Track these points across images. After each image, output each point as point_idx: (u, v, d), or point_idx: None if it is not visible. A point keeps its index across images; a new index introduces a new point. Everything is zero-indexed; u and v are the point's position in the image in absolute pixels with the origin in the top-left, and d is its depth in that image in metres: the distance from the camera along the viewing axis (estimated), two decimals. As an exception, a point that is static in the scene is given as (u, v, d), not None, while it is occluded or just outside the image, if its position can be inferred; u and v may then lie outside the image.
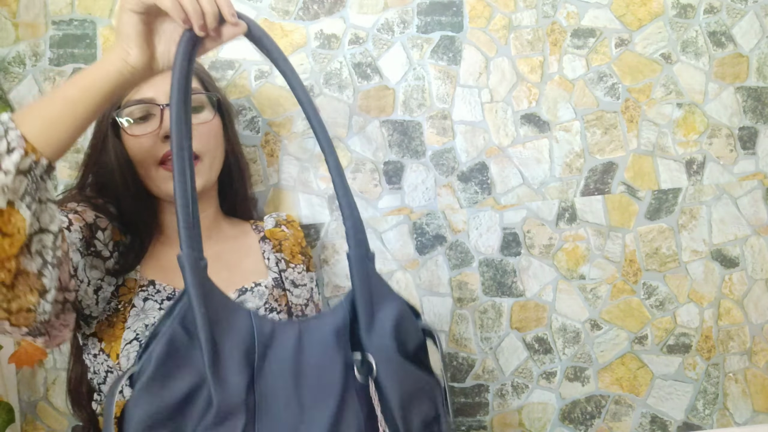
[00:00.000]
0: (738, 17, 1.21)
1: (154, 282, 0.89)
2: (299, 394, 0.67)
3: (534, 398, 1.19)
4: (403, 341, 0.73)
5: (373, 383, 0.70)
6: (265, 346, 0.68)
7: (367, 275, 0.74)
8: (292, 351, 0.68)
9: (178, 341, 0.64)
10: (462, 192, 1.18)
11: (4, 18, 1.10)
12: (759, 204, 1.22)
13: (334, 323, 0.72)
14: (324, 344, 0.70)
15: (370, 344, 0.71)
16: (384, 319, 0.72)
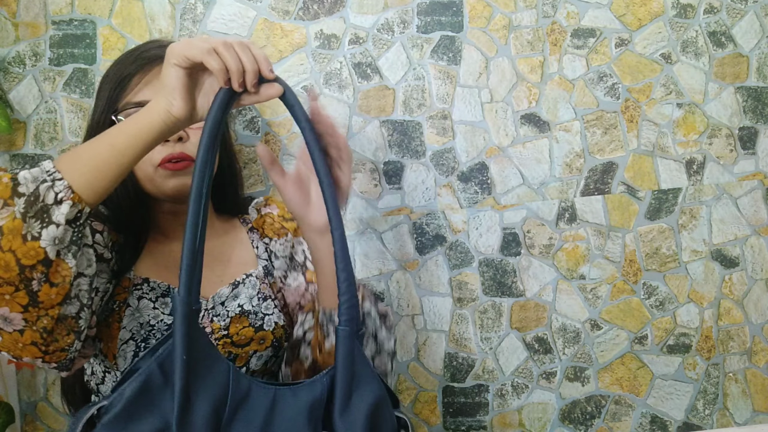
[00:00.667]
0: (738, 17, 1.21)
1: (148, 280, 0.89)
2: None
3: (534, 398, 1.19)
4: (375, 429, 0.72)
5: None
6: (237, 404, 0.67)
7: (352, 355, 0.73)
8: (262, 417, 0.68)
9: (153, 383, 0.64)
10: (462, 192, 1.18)
11: (4, 18, 1.10)
12: (759, 204, 1.22)
13: (310, 398, 0.71)
14: (295, 417, 0.69)
15: (341, 427, 0.70)
16: (360, 404, 0.71)
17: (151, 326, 0.86)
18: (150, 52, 0.92)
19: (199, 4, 1.13)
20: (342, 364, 0.72)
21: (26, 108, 1.10)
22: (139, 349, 0.84)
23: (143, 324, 0.86)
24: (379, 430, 0.73)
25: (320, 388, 0.72)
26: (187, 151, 0.88)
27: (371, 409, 0.71)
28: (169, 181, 0.88)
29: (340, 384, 0.71)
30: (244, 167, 1.15)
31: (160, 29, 1.12)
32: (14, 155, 1.10)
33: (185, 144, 0.88)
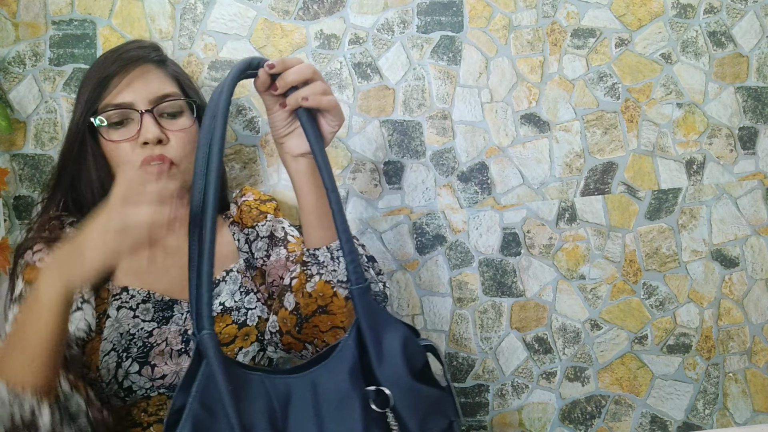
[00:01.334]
0: (738, 17, 1.21)
1: (127, 288, 0.88)
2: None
3: (534, 398, 1.19)
4: (411, 365, 0.75)
5: (392, 413, 0.72)
6: (285, 406, 0.70)
7: (370, 309, 0.76)
8: (310, 404, 0.70)
9: (202, 422, 0.65)
10: (462, 192, 1.18)
11: (4, 18, 1.10)
12: (759, 204, 1.22)
13: (345, 365, 0.73)
14: (339, 388, 0.72)
15: (383, 376, 0.73)
16: (392, 348, 0.74)
17: (131, 335, 0.85)
18: (130, 52, 0.91)
19: (199, 4, 1.13)
20: (364, 320, 0.75)
21: (26, 108, 1.10)
22: (120, 359, 0.83)
23: (123, 334, 0.85)
24: (414, 362, 0.76)
25: (350, 352, 0.74)
26: (168, 153, 0.88)
27: (403, 348, 0.75)
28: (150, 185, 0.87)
29: (369, 336, 0.74)
30: (244, 167, 1.15)
31: (160, 29, 1.12)
32: (14, 155, 1.11)
33: (165, 146, 0.88)
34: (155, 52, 0.94)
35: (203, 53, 1.13)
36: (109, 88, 0.88)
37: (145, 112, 0.87)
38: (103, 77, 0.88)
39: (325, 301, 0.83)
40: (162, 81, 0.91)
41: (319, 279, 0.83)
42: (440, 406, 0.79)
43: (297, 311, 0.85)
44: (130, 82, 0.88)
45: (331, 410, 0.71)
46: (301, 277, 0.84)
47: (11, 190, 1.10)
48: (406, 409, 0.73)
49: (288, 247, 0.97)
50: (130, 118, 0.88)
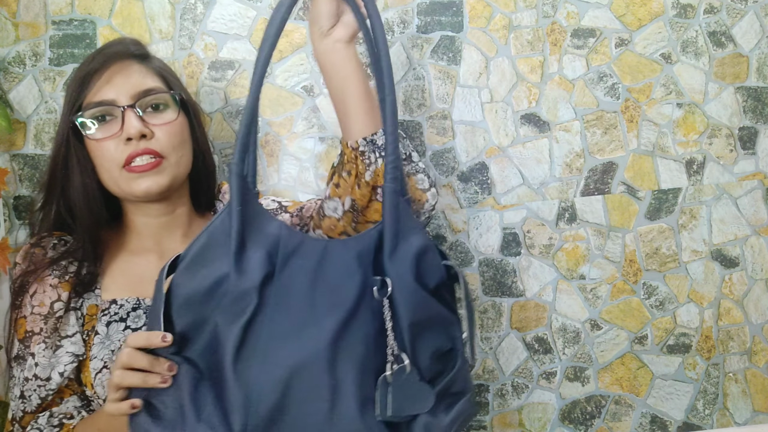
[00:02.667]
0: (738, 17, 1.21)
1: (115, 300, 0.88)
2: (313, 297, 0.73)
3: (534, 398, 1.19)
4: (422, 272, 0.77)
5: (388, 302, 0.75)
6: (290, 252, 0.74)
7: (397, 208, 0.78)
8: (314, 261, 0.75)
9: (216, 237, 0.73)
10: (462, 192, 1.18)
11: (4, 18, 1.10)
12: (759, 204, 1.22)
13: (359, 247, 0.77)
14: (346, 262, 0.76)
15: (391, 269, 0.76)
16: (407, 249, 0.77)
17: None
18: (110, 48, 0.90)
19: (199, 4, 1.13)
20: (389, 218, 0.77)
21: (26, 108, 1.10)
22: None
23: (114, 350, 0.85)
24: (427, 275, 0.78)
25: (368, 240, 0.77)
26: (154, 147, 0.86)
27: (418, 254, 0.77)
28: (138, 182, 0.86)
29: (388, 234, 0.77)
30: (244, 167, 1.15)
31: (160, 29, 1.12)
32: (14, 155, 1.11)
33: (150, 140, 0.86)
34: (135, 46, 0.93)
35: (203, 53, 1.13)
36: (89, 86, 0.87)
37: (126, 108, 0.86)
38: (84, 75, 0.87)
39: None
40: (143, 75, 0.90)
41: (381, 162, 0.83)
42: (445, 325, 0.80)
43: (353, 207, 0.85)
44: (110, 78, 0.87)
45: (331, 276, 0.75)
46: (359, 166, 0.84)
47: (11, 190, 1.10)
48: (403, 306, 0.75)
49: (288, 210, 0.98)
50: (113, 115, 0.87)
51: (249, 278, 0.72)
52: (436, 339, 0.78)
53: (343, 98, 0.85)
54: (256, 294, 0.71)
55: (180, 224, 0.95)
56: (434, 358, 0.78)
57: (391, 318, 0.74)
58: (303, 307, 0.73)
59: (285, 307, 0.72)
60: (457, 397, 0.80)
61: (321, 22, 0.82)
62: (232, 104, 1.14)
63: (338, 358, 0.71)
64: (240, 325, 0.70)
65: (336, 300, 0.74)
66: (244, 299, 0.71)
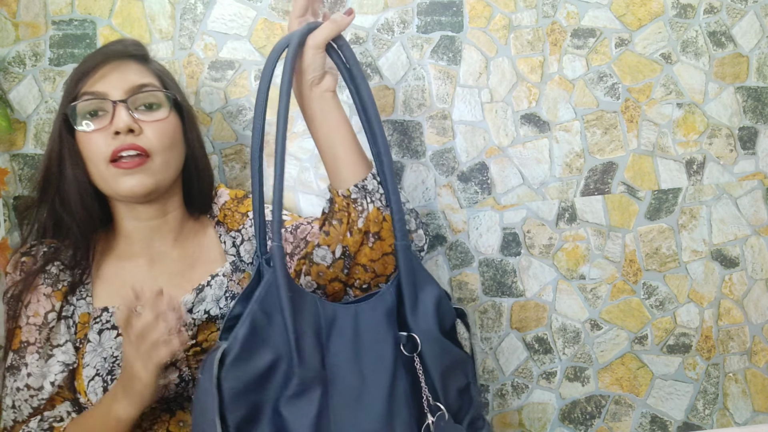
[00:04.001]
0: (738, 17, 1.21)
1: (107, 308, 0.88)
2: (359, 367, 0.77)
3: (534, 398, 1.19)
4: (442, 321, 0.83)
5: (418, 358, 0.80)
6: (330, 326, 0.78)
7: (412, 263, 0.83)
8: (351, 331, 0.78)
9: (259, 323, 0.73)
10: (462, 192, 1.18)
11: (4, 18, 1.10)
12: (759, 204, 1.22)
13: (384, 306, 0.81)
14: (377, 325, 0.79)
15: (415, 324, 0.80)
16: (426, 302, 0.82)
17: (114, 357, 0.84)
18: (109, 47, 0.91)
19: (199, 4, 1.13)
20: (405, 273, 0.82)
21: (26, 108, 1.10)
22: (106, 383, 0.83)
23: (107, 358, 0.84)
24: (445, 321, 0.84)
25: (390, 298, 0.82)
26: (140, 143, 0.86)
27: (436, 306, 0.82)
28: (123, 180, 0.85)
29: (407, 290, 0.81)
30: (245, 167, 1.15)
31: (160, 29, 1.12)
32: (14, 155, 1.11)
33: (138, 136, 0.86)
34: (135, 47, 0.93)
35: (203, 53, 1.13)
36: (86, 78, 0.87)
37: (117, 102, 0.86)
38: (82, 71, 0.88)
39: (377, 226, 0.85)
40: (139, 73, 0.90)
41: (372, 207, 0.85)
42: (461, 365, 0.86)
43: (344, 254, 0.86)
44: (106, 74, 0.87)
45: (368, 341, 0.79)
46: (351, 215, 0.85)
47: (11, 190, 1.10)
48: (431, 358, 0.80)
49: (284, 225, 0.97)
50: (104, 109, 0.87)
51: (311, 365, 0.74)
52: (458, 379, 0.85)
53: (333, 146, 0.87)
54: (320, 381, 0.74)
55: (171, 228, 0.94)
56: (456, 396, 0.83)
57: (423, 372, 0.79)
58: (354, 381, 0.76)
59: (339, 385, 0.75)
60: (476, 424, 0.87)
61: (311, 74, 0.85)
62: (232, 104, 1.14)
63: (394, 421, 0.76)
64: (312, 416, 0.72)
65: (378, 366, 0.78)
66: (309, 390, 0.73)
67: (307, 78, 0.85)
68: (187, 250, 0.94)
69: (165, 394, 0.84)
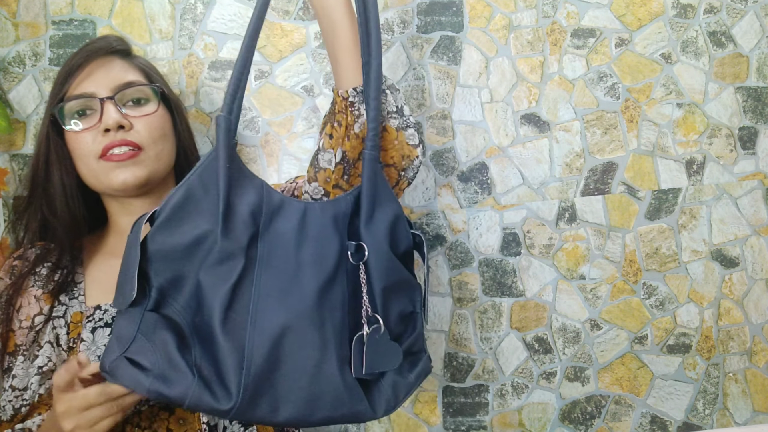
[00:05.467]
0: (738, 17, 1.21)
1: (99, 306, 0.88)
2: (297, 258, 0.75)
3: (534, 398, 1.19)
4: (395, 240, 0.82)
5: (363, 267, 0.79)
6: (273, 212, 0.76)
7: (375, 176, 0.81)
8: (296, 222, 0.77)
9: (194, 192, 0.73)
10: (462, 192, 1.18)
11: (4, 18, 1.10)
12: (759, 204, 1.22)
13: (336, 210, 0.80)
14: (324, 225, 0.78)
15: (367, 236, 0.80)
16: (382, 218, 0.81)
17: None
18: (94, 44, 0.91)
19: (199, 4, 1.13)
20: (367, 184, 0.80)
21: (26, 108, 1.10)
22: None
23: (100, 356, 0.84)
24: (398, 242, 0.83)
25: (344, 204, 0.80)
26: (132, 138, 0.86)
27: (392, 223, 0.81)
28: (115, 173, 0.86)
29: (366, 201, 0.80)
30: (244, 167, 1.15)
31: (160, 29, 1.12)
32: (14, 155, 1.11)
33: (129, 132, 0.86)
34: (117, 42, 0.93)
35: (203, 53, 1.13)
36: (71, 78, 0.87)
37: (105, 100, 0.85)
38: (67, 70, 0.87)
39: None
40: (124, 70, 0.90)
41: None
42: (409, 290, 0.85)
43: (344, 160, 0.84)
44: (91, 72, 0.87)
45: (311, 238, 0.77)
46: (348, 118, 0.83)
47: (11, 190, 1.10)
48: (377, 270, 0.79)
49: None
50: (92, 108, 0.87)
51: (236, 239, 0.73)
52: (402, 302, 0.83)
53: (333, 44, 0.84)
54: (243, 255, 0.73)
55: None
56: (399, 320, 0.82)
57: (365, 282, 0.78)
58: (288, 268, 0.75)
59: (271, 267, 0.74)
60: (417, 356, 0.85)
61: None
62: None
63: (324, 317, 0.74)
64: (228, 287, 0.71)
65: (317, 262, 0.76)
66: (230, 260, 0.72)
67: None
68: None
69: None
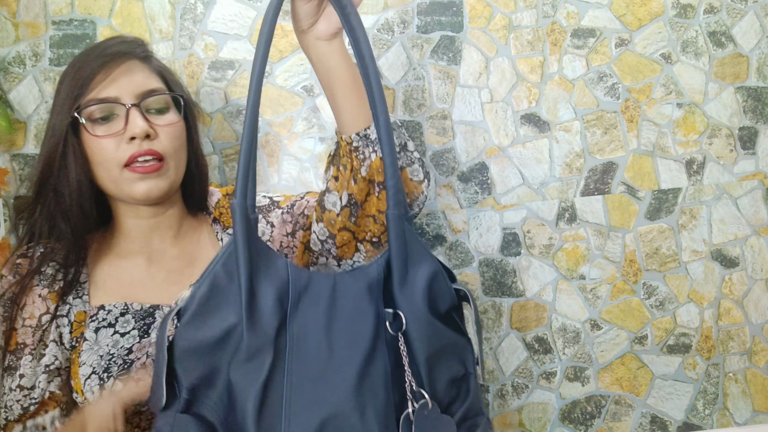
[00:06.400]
0: (738, 17, 1.21)
1: (103, 306, 0.87)
2: (330, 340, 0.71)
3: (534, 398, 1.19)
4: (434, 301, 0.76)
5: (402, 337, 0.73)
6: (300, 293, 0.72)
7: (404, 234, 0.76)
8: (326, 300, 0.72)
9: (219, 282, 0.70)
10: (462, 192, 1.18)
11: (4, 18, 1.10)
12: (759, 204, 1.22)
13: (368, 278, 0.75)
14: (357, 296, 0.73)
15: (402, 301, 0.74)
16: (417, 278, 0.75)
17: (111, 355, 0.84)
18: (112, 48, 0.89)
19: (199, 4, 1.13)
20: (395, 245, 0.75)
21: (26, 108, 1.10)
22: (103, 381, 0.83)
23: (103, 356, 0.84)
24: (439, 302, 0.76)
25: (376, 270, 0.76)
26: (156, 148, 0.85)
27: (428, 283, 0.75)
28: (138, 184, 0.85)
29: (396, 263, 0.75)
30: (244, 167, 1.15)
31: (160, 29, 1.12)
32: (14, 155, 1.11)
33: (153, 141, 0.85)
34: (140, 47, 0.92)
35: (203, 53, 1.13)
36: (91, 84, 0.85)
37: (131, 107, 0.85)
38: (86, 75, 0.86)
39: (382, 176, 0.82)
40: (147, 76, 0.89)
41: (375, 156, 0.82)
42: (458, 352, 0.78)
43: (350, 202, 0.84)
44: (115, 77, 0.86)
45: (344, 314, 0.72)
46: (353, 162, 0.82)
47: (11, 190, 1.10)
48: (418, 339, 0.73)
49: (280, 206, 0.97)
50: (115, 113, 0.86)
51: (263, 333, 0.69)
52: (451, 367, 0.77)
53: (333, 91, 0.84)
54: (272, 348, 0.69)
55: (170, 225, 0.93)
56: (450, 386, 0.76)
57: (406, 353, 0.73)
58: (321, 354, 0.70)
59: (303, 355, 0.70)
60: (474, 421, 0.78)
61: (302, 21, 0.82)
62: (232, 104, 1.14)
63: (365, 402, 0.69)
64: (259, 385, 0.68)
65: (353, 341, 0.71)
66: (259, 355, 0.69)
67: (299, 25, 0.82)
68: (186, 247, 0.94)
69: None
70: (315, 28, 0.82)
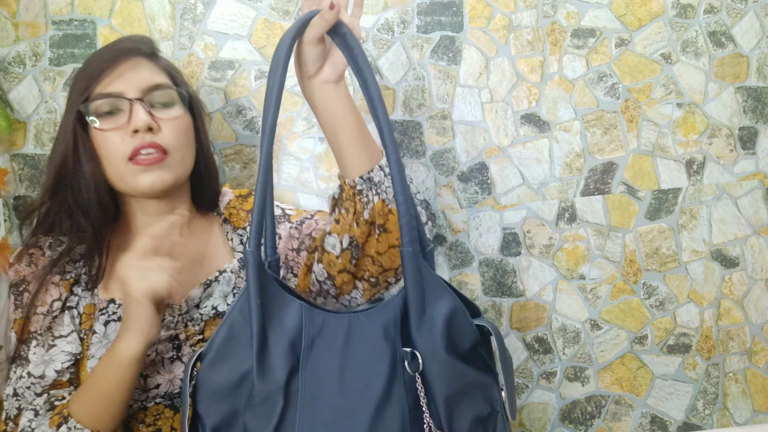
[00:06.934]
0: (738, 17, 1.21)
1: (114, 300, 0.88)
2: (343, 383, 0.71)
3: (534, 398, 1.19)
4: (453, 340, 0.74)
5: (420, 377, 0.72)
6: (313, 338, 0.73)
7: (419, 272, 0.74)
8: (340, 343, 0.73)
9: (237, 327, 0.72)
10: (462, 192, 1.18)
11: (4, 18, 1.10)
12: (759, 204, 1.22)
13: (385, 318, 0.74)
14: (372, 338, 0.73)
15: (420, 340, 0.73)
16: (435, 317, 0.73)
17: None
18: (121, 44, 0.91)
19: (199, 4, 1.13)
20: (411, 283, 0.74)
21: (26, 108, 1.10)
22: None
23: None
24: (459, 341, 0.75)
25: (393, 309, 0.75)
26: (159, 141, 0.86)
27: (447, 320, 0.73)
28: (142, 176, 0.86)
29: (413, 301, 0.73)
30: (245, 167, 1.15)
31: (160, 29, 1.12)
32: (14, 155, 1.11)
33: (156, 134, 0.86)
34: (147, 45, 0.93)
35: (203, 53, 1.13)
36: (99, 79, 0.87)
37: (135, 101, 0.86)
38: (94, 71, 0.87)
39: (383, 219, 0.83)
40: (153, 72, 0.90)
41: (378, 199, 0.82)
42: (483, 390, 0.77)
43: (351, 245, 0.84)
44: (121, 73, 0.87)
45: (359, 356, 0.72)
46: (356, 205, 0.83)
47: (11, 190, 1.10)
48: (436, 380, 0.72)
49: (291, 219, 0.98)
50: (120, 108, 0.87)
51: (273, 380, 0.70)
52: (475, 406, 0.75)
53: (336, 137, 0.84)
54: (282, 394, 0.70)
55: (179, 224, 0.94)
56: (475, 425, 0.75)
57: (425, 394, 0.72)
58: (333, 398, 0.70)
59: (315, 401, 0.70)
60: None
61: (308, 66, 0.82)
62: (232, 104, 1.14)
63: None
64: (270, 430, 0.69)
65: (368, 383, 0.71)
66: (269, 400, 0.70)
67: (306, 70, 0.83)
68: (195, 245, 0.95)
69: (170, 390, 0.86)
70: (321, 71, 0.82)
